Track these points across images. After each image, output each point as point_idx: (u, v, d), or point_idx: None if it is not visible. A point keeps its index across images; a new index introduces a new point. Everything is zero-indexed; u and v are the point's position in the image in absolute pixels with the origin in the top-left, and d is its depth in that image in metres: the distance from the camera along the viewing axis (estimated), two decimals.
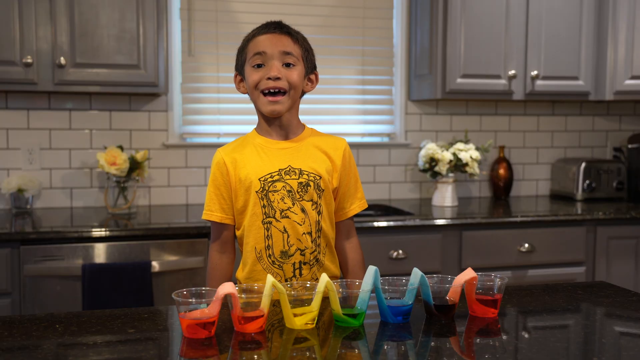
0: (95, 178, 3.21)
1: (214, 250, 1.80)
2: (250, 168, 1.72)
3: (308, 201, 1.72)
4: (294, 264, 1.71)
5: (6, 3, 2.72)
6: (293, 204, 1.70)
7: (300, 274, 1.72)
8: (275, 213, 1.70)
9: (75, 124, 3.17)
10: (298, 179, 1.72)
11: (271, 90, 1.69)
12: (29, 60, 2.75)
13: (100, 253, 2.59)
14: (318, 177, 1.73)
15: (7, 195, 3.06)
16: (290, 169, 1.72)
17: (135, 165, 3.03)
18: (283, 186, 1.70)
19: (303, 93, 1.80)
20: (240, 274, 1.79)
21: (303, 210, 1.71)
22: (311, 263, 1.73)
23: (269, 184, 1.70)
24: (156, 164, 3.27)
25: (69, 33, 2.80)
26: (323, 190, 1.74)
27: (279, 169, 1.72)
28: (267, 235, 1.71)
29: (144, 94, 3.14)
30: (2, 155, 3.10)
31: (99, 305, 2.52)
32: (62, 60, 2.78)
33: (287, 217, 1.70)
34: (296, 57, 1.72)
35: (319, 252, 1.74)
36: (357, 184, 1.85)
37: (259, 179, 1.70)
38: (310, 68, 1.79)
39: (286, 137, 1.78)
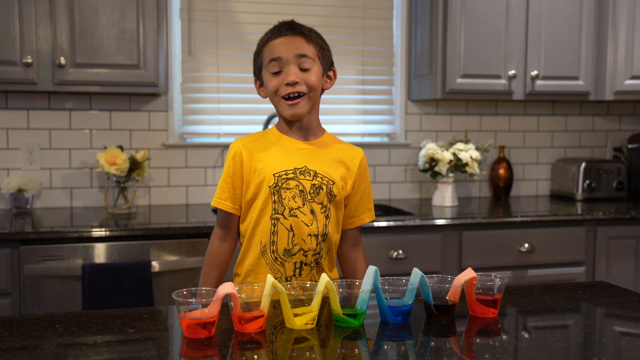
0: (95, 178, 3.21)
1: (215, 237, 1.81)
2: (267, 162, 1.72)
3: (318, 204, 1.72)
4: (295, 263, 1.71)
5: (6, 3, 2.73)
6: (303, 204, 1.70)
7: (300, 274, 1.73)
8: (284, 210, 1.70)
9: (75, 124, 3.17)
10: (312, 180, 1.72)
11: (291, 95, 1.69)
12: (29, 60, 2.75)
13: (100, 253, 2.59)
14: (331, 183, 1.73)
15: (7, 195, 3.07)
16: (305, 169, 1.72)
17: (135, 165, 3.03)
18: (296, 185, 1.70)
19: (322, 91, 1.80)
20: (238, 268, 1.79)
21: (312, 211, 1.71)
22: (312, 265, 1.73)
23: (283, 181, 1.70)
24: (156, 164, 3.27)
25: (69, 33, 2.80)
26: (335, 196, 1.74)
27: (295, 168, 1.72)
28: (273, 231, 1.71)
29: (144, 94, 3.14)
30: (2, 155, 3.10)
31: (99, 305, 2.52)
32: (62, 60, 2.79)
33: (295, 215, 1.70)
34: (312, 57, 1.71)
35: (321, 256, 1.74)
36: (370, 195, 1.85)
37: (273, 174, 1.71)
38: (328, 65, 1.78)
39: (306, 138, 1.78)
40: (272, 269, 1.71)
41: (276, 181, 1.70)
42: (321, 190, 1.72)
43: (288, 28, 1.71)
